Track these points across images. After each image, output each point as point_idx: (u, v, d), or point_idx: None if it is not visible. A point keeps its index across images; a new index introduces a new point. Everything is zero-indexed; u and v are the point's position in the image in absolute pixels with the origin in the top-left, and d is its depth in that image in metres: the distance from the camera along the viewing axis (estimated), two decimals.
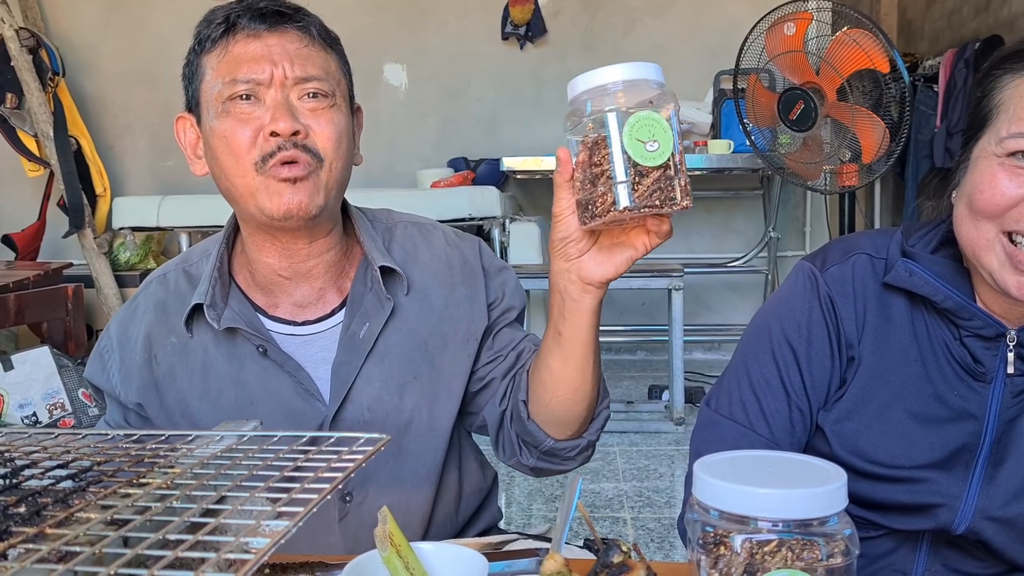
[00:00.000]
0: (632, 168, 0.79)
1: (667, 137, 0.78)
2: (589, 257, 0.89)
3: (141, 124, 4.63)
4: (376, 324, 1.07)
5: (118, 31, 4.58)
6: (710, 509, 0.65)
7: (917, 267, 0.95)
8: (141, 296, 1.13)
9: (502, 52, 4.53)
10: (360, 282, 1.10)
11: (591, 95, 0.81)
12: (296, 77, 1.00)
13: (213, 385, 1.07)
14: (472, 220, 3.78)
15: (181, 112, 1.10)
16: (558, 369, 0.99)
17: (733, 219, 4.59)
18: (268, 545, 0.49)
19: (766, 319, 1.05)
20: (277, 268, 1.07)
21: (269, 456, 0.66)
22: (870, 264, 1.00)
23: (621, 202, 0.79)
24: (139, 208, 4.01)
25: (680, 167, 0.80)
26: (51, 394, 3.43)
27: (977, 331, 0.92)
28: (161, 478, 0.62)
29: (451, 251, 1.15)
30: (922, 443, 0.94)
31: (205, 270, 1.09)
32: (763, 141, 3.02)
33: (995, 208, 0.87)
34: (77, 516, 0.55)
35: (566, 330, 0.95)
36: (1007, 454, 0.93)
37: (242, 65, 0.99)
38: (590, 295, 0.92)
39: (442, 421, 1.09)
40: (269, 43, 1.00)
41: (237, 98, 0.99)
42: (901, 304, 0.97)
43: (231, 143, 0.99)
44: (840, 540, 0.64)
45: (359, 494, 1.07)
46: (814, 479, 0.65)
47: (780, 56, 2.68)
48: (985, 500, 0.93)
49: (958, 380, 0.94)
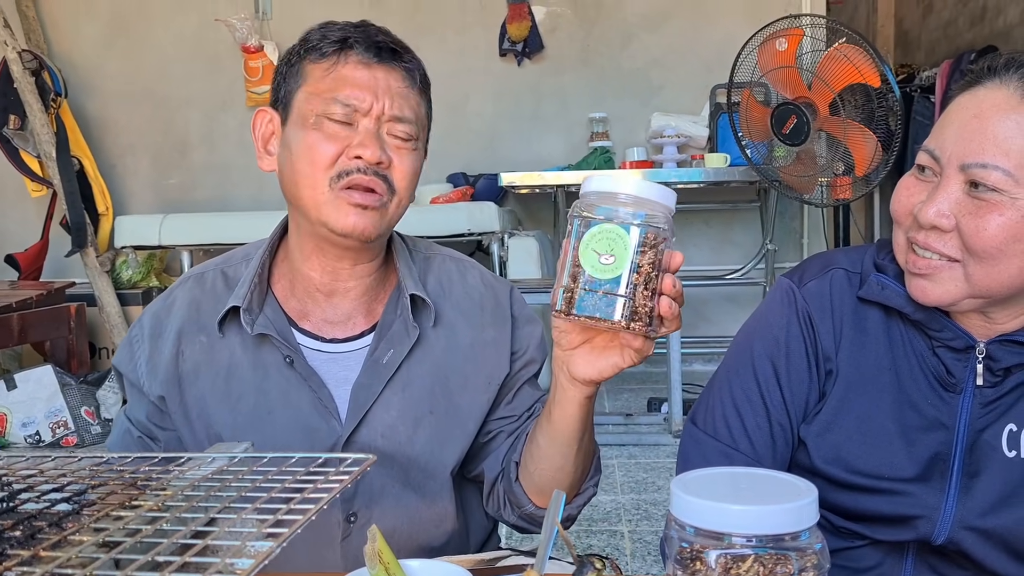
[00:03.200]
0: (584, 278, 0.78)
1: (625, 254, 0.78)
2: (580, 354, 0.90)
3: (143, 143, 4.67)
4: (400, 351, 1.08)
5: (120, 52, 4.62)
6: (686, 526, 0.67)
7: (889, 280, 0.97)
8: (178, 291, 1.14)
9: (500, 68, 4.57)
10: (391, 308, 1.11)
11: (593, 195, 0.81)
12: (392, 115, 1.04)
13: (235, 389, 1.07)
14: (471, 235, 3.80)
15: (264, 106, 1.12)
16: (544, 446, 1.02)
17: (731, 231, 4.61)
18: (252, 566, 0.51)
19: (747, 336, 1.07)
20: (318, 282, 1.09)
21: (258, 477, 0.68)
22: (846, 278, 1.02)
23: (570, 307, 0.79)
24: (141, 227, 4.03)
25: (636, 288, 0.78)
26: (54, 412, 3.45)
27: (947, 342, 0.95)
28: (153, 500, 0.64)
29: (485, 292, 1.16)
30: (899, 452, 0.96)
31: (245, 274, 1.10)
32: (758, 155, 3.05)
33: (897, 214, 0.94)
34: (70, 539, 0.57)
35: (555, 413, 0.97)
36: (981, 466, 0.94)
37: (347, 88, 1.02)
38: (576, 389, 0.93)
39: (451, 458, 1.11)
40: (376, 75, 1.04)
41: (332, 119, 1.02)
42: (876, 316, 1.00)
43: (314, 155, 1.02)
44: (812, 554, 0.65)
45: (363, 515, 1.08)
46: (786, 495, 0.67)
47: (772, 71, 2.71)
48: (963, 511, 0.94)
49: (930, 390, 0.96)
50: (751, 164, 3.07)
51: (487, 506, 1.17)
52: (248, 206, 4.39)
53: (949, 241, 0.88)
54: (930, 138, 0.92)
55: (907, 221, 0.93)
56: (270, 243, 1.13)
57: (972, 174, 0.86)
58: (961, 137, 0.88)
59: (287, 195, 1.07)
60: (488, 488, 1.15)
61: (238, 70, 4.53)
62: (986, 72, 0.90)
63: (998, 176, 0.84)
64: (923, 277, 0.91)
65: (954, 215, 0.88)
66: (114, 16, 4.61)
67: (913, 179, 0.94)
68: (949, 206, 0.88)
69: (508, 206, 4.38)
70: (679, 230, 3.75)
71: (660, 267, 0.80)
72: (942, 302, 0.91)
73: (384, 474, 1.08)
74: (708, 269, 4.50)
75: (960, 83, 0.93)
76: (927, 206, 0.89)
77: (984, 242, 0.86)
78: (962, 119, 0.89)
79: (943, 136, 0.90)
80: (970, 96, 0.90)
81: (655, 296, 0.80)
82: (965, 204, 0.87)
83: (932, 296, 0.91)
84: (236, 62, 4.54)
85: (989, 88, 0.88)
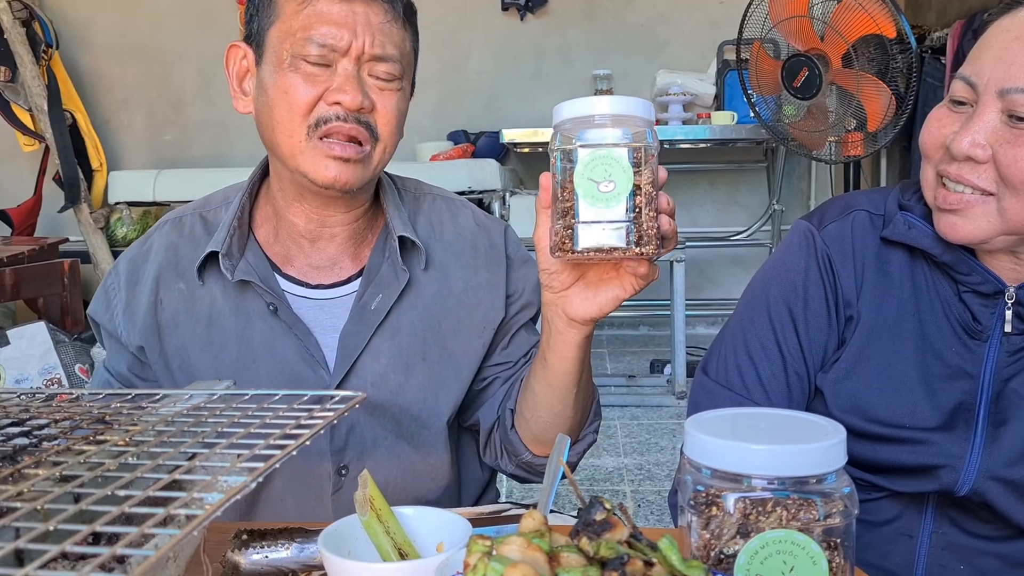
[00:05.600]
0: (582, 210, 0.74)
1: (625, 178, 0.73)
2: (574, 293, 0.85)
3: (137, 98, 4.58)
4: (389, 296, 1.03)
5: (113, 4, 4.52)
6: (702, 467, 0.62)
7: (916, 219, 0.93)
8: (155, 236, 1.09)
9: (502, 23, 4.46)
10: (379, 252, 1.06)
11: (567, 124, 0.77)
12: (372, 54, 0.96)
13: (216, 338, 1.03)
14: (472, 193, 3.73)
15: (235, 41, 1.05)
16: (541, 392, 0.97)
17: (737, 192, 4.54)
18: (221, 501, 0.45)
19: (763, 281, 1.02)
20: (302, 229, 1.04)
21: (236, 414, 0.63)
22: (868, 220, 0.98)
23: (570, 244, 0.75)
24: (135, 183, 3.97)
25: (641, 210, 0.74)
26: (48, 369, 3.41)
27: (975, 287, 0.91)
28: (120, 435, 0.59)
29: (478, 232, 1.11)
30: (921, 401, 0.92)
31: (224, 218, 1.05)
32: (767, 111, 2.96)
33: (927, 148, 0.89)
34: (25, 472, 0.52)
35: (551, 358, 0.92)
36: (1008, 415, 0.90)
37: (322, 25, 0.95)
38: (575, 330, 0.88)
39: (445, 407, 1.06)
40: (355, 9, 0.96)
41: (308, 60, 0.95)
42: (901, 259, 0.95)
43: (291, 99, 0.95)
44: (838, 499, 0.60)
45: (355, 468, 1.04)
46: (811, 435, 0.62)
47: (784, 22, 2.62)
48: (988, 460, 0.90)
49: (955, 338, 0.92)
50: (760, 120, 2.99)
51: (484, 456, 1.12)
52: (244, 162, 4.30)
53: (984, 173, 0.84)
54: (965, 65, 0.87)
55: (937, 154, 0.88)
56: (249, 185, 1.07)
57: (1012, 101, 0.81)
58: (1001, 60, 0.82)
59: (264, 140, 1.01)
60: (484, 437, 1.10)
61: (234, 23, 4.43)
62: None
63: None
64: (953, 213, 0.86)
65: (990, 145, 0.83)
66: None
67: (946, 110, 0.88)
68: (985, 136, 0.83)
69: (510, 164, 4.30)
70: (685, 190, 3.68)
71: (657, 184, 0.75)
72: (973, 239, 0.86)
73: (376, 424, 1.03)
74: (713, 230, 4.44)
75: (1000, 7, 0.87)
76: (961, 135, 0.84)
77: (1022, 173, 0.81)
78: (1002, 41, 0.83)
79: (980, 61, 0.85)
80: (1011, 18, 0.84)
81: (657, 215, 0.75)
82: (1003, 133, 0.82)
83: (962, 232, 0.86)
84: (231, 15, 4.44)
85: None
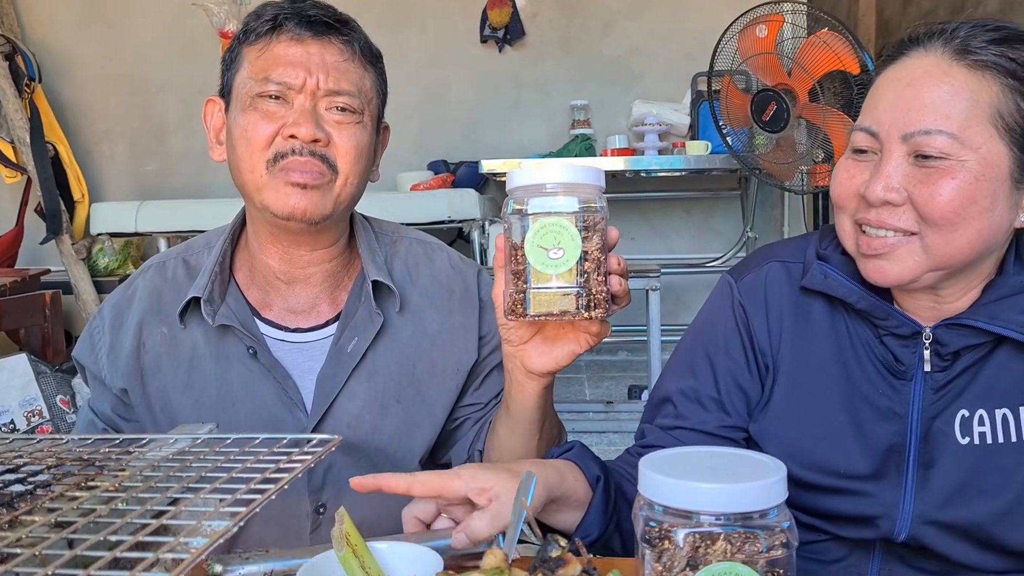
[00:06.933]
0: (533, 276, 0.77)
1: (573, 245, 0.76)
2: (532, 347, 0.89)
3: (120, 129, 4.61)
4: (364, 339, 1.06)
5: (96, 36, 4.55)
6: (655, 504, 0.67)
7: (831, 269, 0.95)
8: (139, 280, 1.12)
9: (481, 55, 4.53)
10: (355, 295, 1.09)
11: (519, 191, 0.80)
12: (328, 89, 1.00)
13: (197, 381, 1.06)
14: (451, 222, 3.78)
15: (213, 95, 1.10)
16: (505, 436, 1.01)
17: (712, 219, 4.61)
18: (205, 545, 0.49)
19: (689, 335, 1.05)
20: (276, 270, 1.07)
21: (219, 458, 0.67)
22: (784, 270, 0.99)
23: (522, 308, 0.78)
24: (117, 213, 3.98)
25: (590, 275, 0.78)
26: (28, 401, 3.40)
27: (893, 330, 0.92)
28: (110, 481, 0.62)
29: (453, 275, 1.14)
30: (853, 446, 0.94)
31: (206, 263, 1.08)
32: (739, 142, 3.04)
33: (840, 200, 0.91)
34: (22, 519, 0.56)
35: (513, 407, 0.96)
36: (935, 455, 0.92)
37: (279, 66, 1.00)
38: (534, 382, 0.92)
39: (419, 447, 1.09)
40: (310, 50, 1.01)
41: (267, 97, 0.99)
42: (821, 307, 0.97)
43: (250, 136, 1.00)
44: (780, 533, 0.65)
45: (332, 506, 1.07)
46: (754, 473, 0.67)
47: (752, 58, 2.71)
48: (921, 505, 0.92)
49: (881, 379, 0.94)
50: (732, 151, 3.07)
51: None
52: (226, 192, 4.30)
53: (903, 215, 0.86)
54: (862, 116, 0.90)
55: (852, 204, 0.90)
56: (231, 231, 1.11)
57: (916, 143, 0.84)
58: (898, 107, 0.85)
59: (235, 183, 1.05)
60: None
61: (216, 55, 4.46)
62: (908, 43, 0.89)
63: (943, 140, 0.82)
64: (879, 257, 0.88)
65: (904, 187, 0.85)
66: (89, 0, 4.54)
67: (851, 161, 0.91)
68: (898, 179, 0.85)
69: (489, 194, 4.35)
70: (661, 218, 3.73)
71: (606, 248, 0.79)
72: (903, 279, 0.88)
73: (352, 464, 1.07)
74: (689, 257, 4.50)
75: (882, 59, 0.91)
76: (874, 182, 0.86)
77: (941, 209, 0.83)
78: (895, 90, 0.87)
79: (877, 111, 0.88)
80: (898, 68, 0.88)
81: (607, 278, 0.79)
82: (913, 174, 0.85)
83: (891, 275, 0.88)
84: (214, 47, 4.47)
85: (915, 57, 0.87)
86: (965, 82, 0.83)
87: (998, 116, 0.83)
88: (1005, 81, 0.83)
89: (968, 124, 0.82)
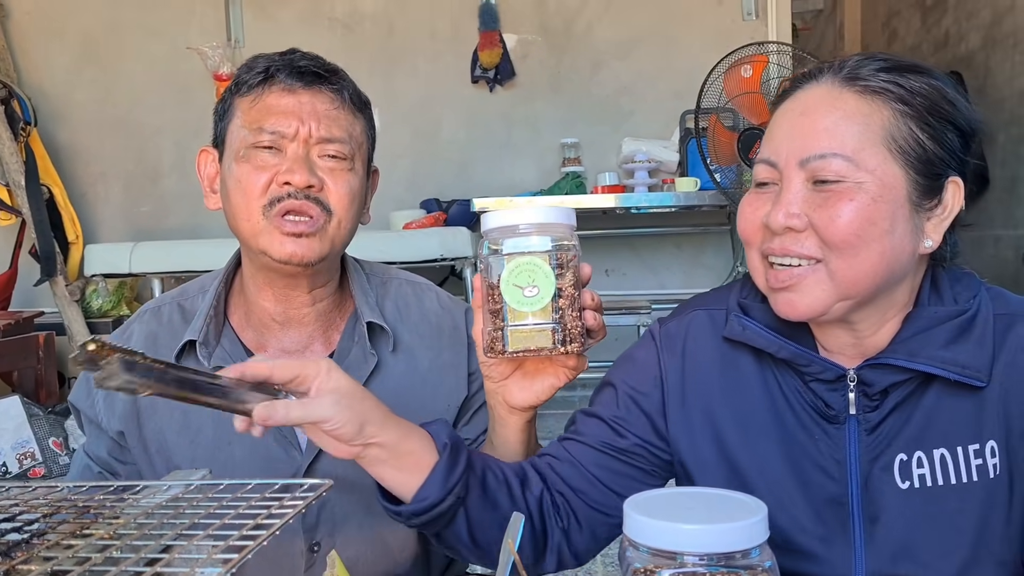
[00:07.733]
0: (510, 314, 0.80)
1: (548, 283, 0.79)
2: (513, 382, 0.91)
3: (114, 171, 4.64)
4: (359, 378, 1.07)
5: (91, 80, 4.60)
6: (640, 546, 0.68)
7: (748, 320, 0.94)
8: (135, 325, 1.14)
9: (472, 95, 4.59)
10: (348, 335, 1.11)
11: (494, 232, 0.83)
12: (320, 137, 1.04)
13: (193, 422, 1.07)
14: (444, 260, 3.81)
15: (206, 146, 1.13)
16: None
17: (703, 254, 4.65)
18: None
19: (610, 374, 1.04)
20: (271, 312, 1.09)
21: (213, 504, 0.68)
22: (709, 319, 0.99)
23: (501, 345, 0.81)
24: (111, 255, 3.99)
25: (564, 311, 0.80)
26: (21, 443, 3.39)
27: (818, 375, 0.91)
28: (105, 529, 0.64)
29: (443, 314, 1.17)
30: (797, 499, 0.92)
31: (201, 306, 1.10)
32: (727, 179, 3.09)
33: (746, 234, 0.91)
34: (19, 568, 0.57)
35: (496, 441, 0.98)
36: (878, 508, 0.89)
37: (271, 116, 1.03)
38: (516, 416, 0.94)
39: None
40: (301, 100, 1.04)
41: (261, 147, 1.02)
42: (747, 356, 0.96)
43: (245, 186, 1.02)
44: (762, 572, 0.66)
45: (327, 544, 1.08)
46: (737, 514, 0.68)
47: (738, 97, 2.76)
48: (873, 562, 0.89)
49: (815, 425, 0.92)
50: (720, 188, 3.11)
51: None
52: (220, 233, 4.32)
53: (806, 241, 0.85)
54: (762, 150, 0.91)
55: (758, 237, 0.89)
56: (225, 274, 1.13)
57: (813, 168, 0.84)
58: (793, 136, 0.87)
59: (232, 230, 1.08)
60: None
61: (210, 98, 4.52)
62: (801, 80, 0.91)
63: (839, 164, 0.83)
64: (787, 290, 0.87)
65: (804, 213, 0.85)
66: (84, 44, 4.60)
67: (754, 195, 0.91)
68: (798, 205, 0.85)
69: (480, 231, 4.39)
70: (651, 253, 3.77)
71: (580, 284, 0.82)
72: (812, 311, 0.86)
73: (346, 502, 1.08)
74: (679, 292, 4.52)
75: (779, 95, 0.94)
76: (776, 210, 0.86)
77: (841, 230, 0.83)
78: (790, 120, 0.88)
79: (774, 142, 0.89)
80: (792, 100, 0.90)
81: (581, 313, 0.81)
82: (812, 199, 0.85)
83: (801, 307, 0.86)
84: (208, 90, 4.53)
85: (807, 89, 0.89)
86: (856, 107, 0.85)
87: (891, 139, 0.84)
88: (896, 106, 0.85)
89: (862, 147, 0.84)
